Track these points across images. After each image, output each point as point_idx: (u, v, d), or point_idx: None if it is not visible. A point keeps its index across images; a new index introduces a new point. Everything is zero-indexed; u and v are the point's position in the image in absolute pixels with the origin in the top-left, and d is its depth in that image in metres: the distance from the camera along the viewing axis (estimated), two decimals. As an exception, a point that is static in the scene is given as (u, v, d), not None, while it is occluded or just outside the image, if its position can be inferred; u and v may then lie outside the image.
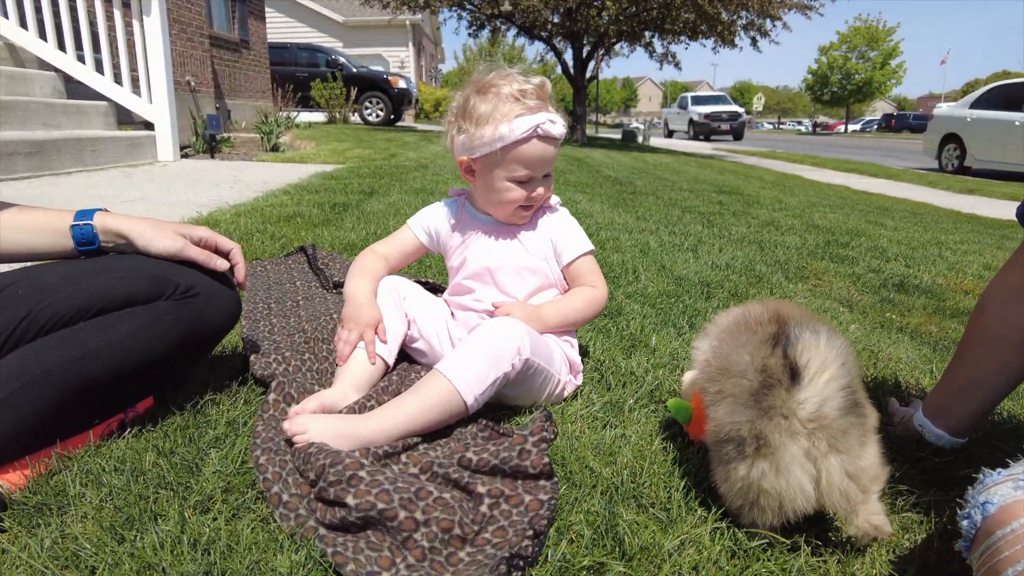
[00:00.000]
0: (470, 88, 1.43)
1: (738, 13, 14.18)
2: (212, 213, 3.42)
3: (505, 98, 1.37)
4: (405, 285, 1.52)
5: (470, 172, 1.48)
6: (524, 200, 1.45)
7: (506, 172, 1.41)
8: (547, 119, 1.37)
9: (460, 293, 1.54)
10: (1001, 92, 11.39)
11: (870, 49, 49.17)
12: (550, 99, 1.43)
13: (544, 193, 1.47)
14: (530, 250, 1.51)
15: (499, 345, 1.26)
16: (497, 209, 1.49)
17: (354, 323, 1.41)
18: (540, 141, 1.38)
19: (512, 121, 1.35)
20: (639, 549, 0.96)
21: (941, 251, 3.74)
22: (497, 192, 1.44)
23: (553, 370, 1.39)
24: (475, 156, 1.42)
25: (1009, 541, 0.78)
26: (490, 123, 1.37)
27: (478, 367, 1.23)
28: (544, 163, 1.42)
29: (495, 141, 1.37)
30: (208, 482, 1.09)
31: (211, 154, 6.80)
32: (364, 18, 23.41)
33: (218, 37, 9.77)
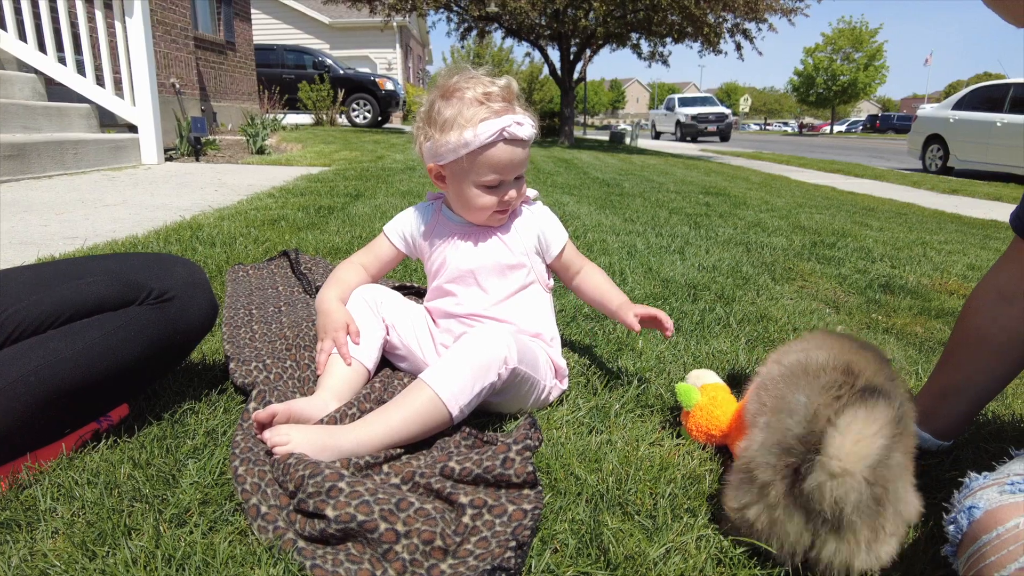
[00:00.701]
0: (435, 93, 1.40)
1: (724, 16, 14.25)
2: (195, 217, 3.38)
3: (469, 102, 1.34)
4: (381, 292, 1.50)
5: (440, 179, 1.45)
6: (497, 206, 1.42)
7: (475, 177, 1.38)
8: (513, 121, 1.33)
9: (442, 296, 1.51)
10: (982, 94, 11.52)
11: (854, 50, 49.61)
12: (517, 99, 1.40)
13: (517, 196, 1.44)
14: (512, 248, 1.48)
15: (486, 355, 1.24)
16: (471, 215, 1.46)
17: (323, 331, 1.40)
18: (507, 144, 1.35)
19: (476, 126, 1.32)
20: (624, 558, 0.95)
21: (926, 251, 3.76)
22: (468, 199, 1.42)
23: (539, 376, 1.37)
24: (442, 163, 1.40)
25: (996, 546, 0.77)
26: (454, 129, 1.33)
27: (463, 377, 1.21)
28: (513, 166, 1.38)
29: (460, 147, 1.34)
30: (185, 494, 1.06)
31: (196, 157, 6.74)
32: (351, 20, 23.32)
33: (203, 39, 9.69)
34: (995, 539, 0.77)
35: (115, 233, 2.96)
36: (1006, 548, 0.76)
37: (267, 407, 1.19)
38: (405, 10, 15.03)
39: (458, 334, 1.45)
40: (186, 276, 1.29)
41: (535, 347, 1.41)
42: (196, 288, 1.29)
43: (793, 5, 14.23)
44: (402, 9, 14.92)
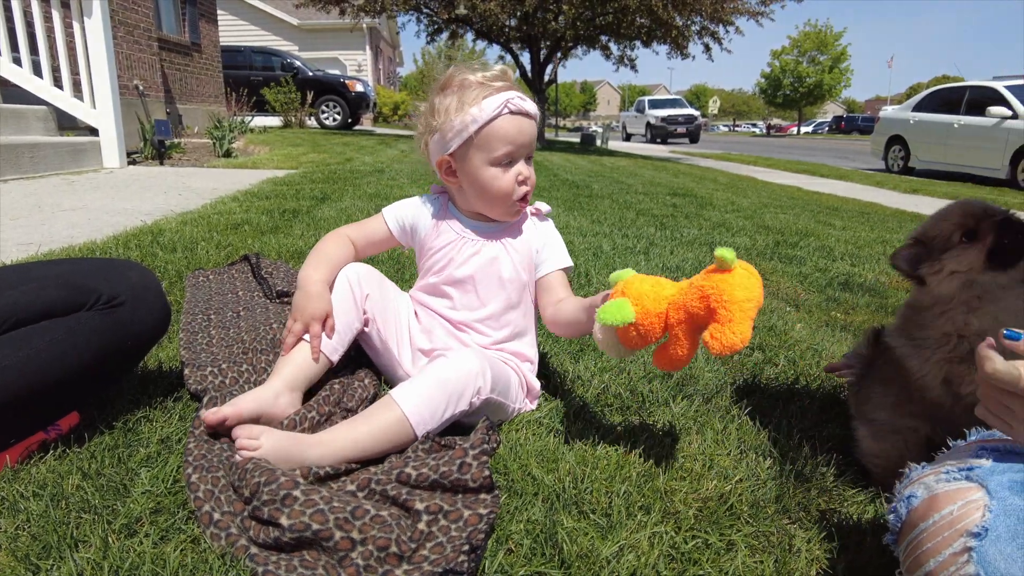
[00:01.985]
0: (433, 91, 1.42)
1: (691, 19, 14.43)
2: (157, 222, 3.32)
3: (470, 86, 1.36)
4: (372, 280, 1.44)
5: (451, 173, 1.42)
6: (514, 186, 1.39)
7: (486, 155, 1.36)
8: (516, 95, 1.36)
9: (435, 295, 1.48)
10: (940, 96, 11.84)
11: (819, 53, 50.63)
12: (515, 85, 1.42)
13: (531, 176, 1.42)
14: (513, 258, 1.45)
15: (460, 383, 1.22)
16: (490, 205, 1.42)
17: (300, 313, 1.35)
18: (513, 116, 1.35)
19: (480, 103, 1.33)
20: (577, 556, 0.96)
21: (886, 249, 3.85)
22: (484, 183, 1.38)
23: (509, 401, 1.36)
24: (451, 149, 1.37)
25: (931, 533, 0.80)
26: (459, 110, 1.34)
27: (435, 403, 1.20)
28: (522, 138, 1.38)
29: (468, 126, 1.34)
30: (136, 504, 1.04)
31: (160, 160, 6.61)
32: (320, 21, 23.10)
33: (167, 40, 9.52)
34: (931, 526, 0.80)
35: (73, 239, 2.89)
36: (941, 535, 0.78)
37: (213, 410, 1.17)
38: (374, 12, 14.95)
39: (435, 343, 1.44)
40: (138, 280, 1.27)
41: (510, 371, 1.40)
42: (148, 292, 1.27)
43: (759, 8, 14.47)
44: (371, 11, 14.84)
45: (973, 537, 0.76)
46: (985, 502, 0.77)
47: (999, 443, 0.89)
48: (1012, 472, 0.82)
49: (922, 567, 0.79)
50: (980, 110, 10.47)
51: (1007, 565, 0.73)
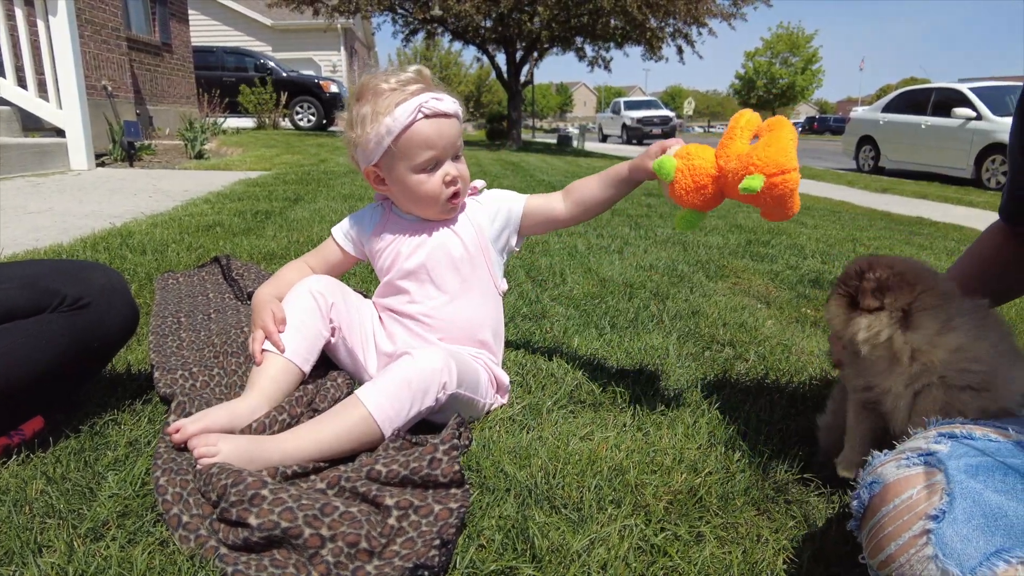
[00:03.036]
0: (351, 100, 1.40)
1: (665, 20, 14.57)
2: (126, 224, 3.27)
3: (382, 93, 1.34)
4: (335, 290, 1.44)
5: (380, 182, 1.43)
6: (443, 188, 1.39)
7: (409, 163, 1.36)
8: (430, 97, 1.33)
9: (392, 294, 1.48)
10: (908, 97, 12.09)
11: (792, 55, 51.44)
12: (434, 82, 1.40)
13: (460, 173, 1.41)
14: (464, 240, 1.46)
15: (424, 380, 1.22)
16: (422, 207, 1.43)
17: (253, 323, 1.37)
18: (430, 119, 1.34)
19: (393, 111, 1.32)
20: (548, 551, 0.96)
21: (856, 247, 3.93)
22: (413, 189, 1.39)
23: (478, 396, 1.36)
24: (374, 161, 1.38)
25: (892, 517, 0.82)
26: (375, 120, 1.33)
27: (400, 401, 1.19)
28: (443, 140, 1.36)
29: (384, 137, 1.33)
30: (103, 507, 1.03)
31: (130, 162, 6.51)
32: (294, 22, 22.90)
33: (137, 40, 9.37)
34: (892, 510, 0.82)
35: (37, 242, 2.83)
36: (901, 518, 0.80)
37: (180, 430, 1.15)
38: (349, 12, 14.86)
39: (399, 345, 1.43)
40: (104, 282, 1.25)
41: (478, 366, 1.40)
42: (115, 294, 1.25)
43: (731, 11, 14.66)
44: (346, 11, 14.76)
45: (931, 520, 0.78)
46: (943, 486, 0.80)
47: (957, 429, 0.92)
48: (968, 456, 0.84)
49: (883, 551, 0.82)
50: (946, 111, 10.72)
51: (963, 545, 0.76)
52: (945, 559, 0.76)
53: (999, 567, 0.74)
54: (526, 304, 2.20)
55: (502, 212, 1.52)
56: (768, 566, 0.99)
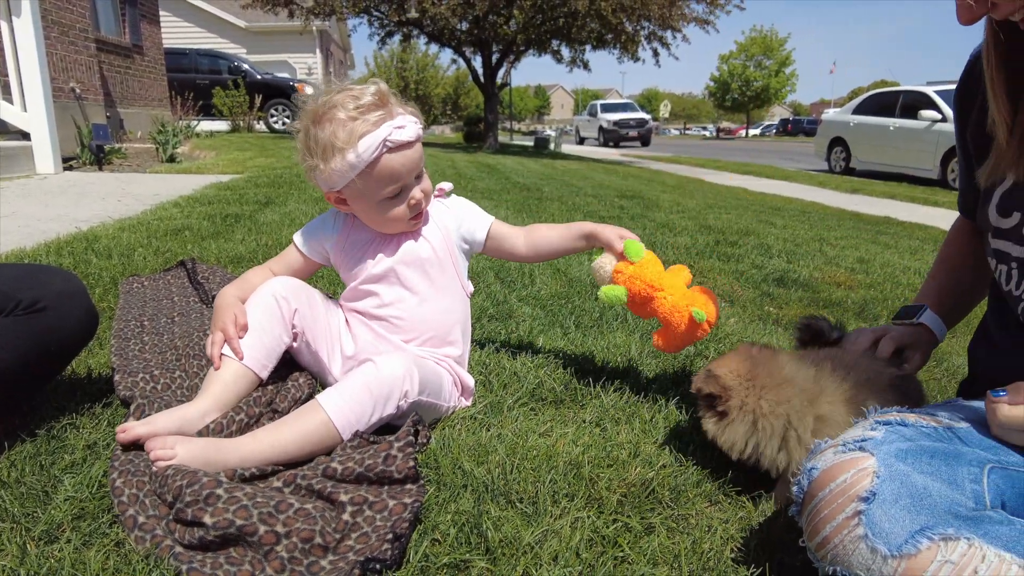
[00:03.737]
0: (307, 119, 1.35)
1: (641, 24, 14.70)
2: (93, 228, 3.23)
3: (342, 123, 1.29)
4: (300, 294, 1.43)
5: (342, 203, 1.42)
6: (408, 213, 1.40)
7: (374, 195, 1.36)
8: (392, 128, 1.30)
9: (360, 297, 1.48)
10: (878, 100, 12.34)
11: (766, 58, 52.16)
12: (395, 100, 1.37)
13: (424, 195, 1.42)
14: (432, 242, 1.47)
15: (386, 388, 1.22)
16: (388, 228, 1.44)
17: (213, 324, 1.36)
18: (394, 153, 1.32)
19: (356, 145, 1.28)
20: (500, 543, 0.98)
21: (822, 247, 4.00)
22: (377, 215, 1.40)
23: (441, 401, 1.37)
24: (336, 189, 1.38)
25: (827, 500, 0.85)
26: (336, 154, 1.30)
27: (362, 407, 1.20)
28: (407, 170, 1.36)
29: (348, 172, 1.31)
30: (58, 510, 1.03)
31: (99, 166, 6.42)
32: (268, 24, 22.70)
33: (106, 41, 9.23)
34: (828, 494, 0.85)
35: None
36: (836, 501, 0.84)
37: (128, 430, 1.15)
38: (324, 14, 14.78)
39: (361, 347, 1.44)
40: (61, 286, 1.25)
41: (441, 371, 1.41)
42: (73, 298, 1.25)
43: (705, 16, 14.84)
44: (321, 13, 14.67)
45: (862, 501, 0.82)
46: (874, 469, 0.84)
47: (893, 416, 0.96)
48: (900, 441, 0.88)
49: (820, 533, 0.85)
50: (913, 113, 10.96)
51: (891, 524, 0.79)
52: (874, 538, 0.80)
53: (922, 544, 0.78)
54: (493, 305, 2.22)
55: (466, 226, 1.56)
56: (716, 554, 1.02)
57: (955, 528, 0.79)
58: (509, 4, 13.85)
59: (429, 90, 34.00)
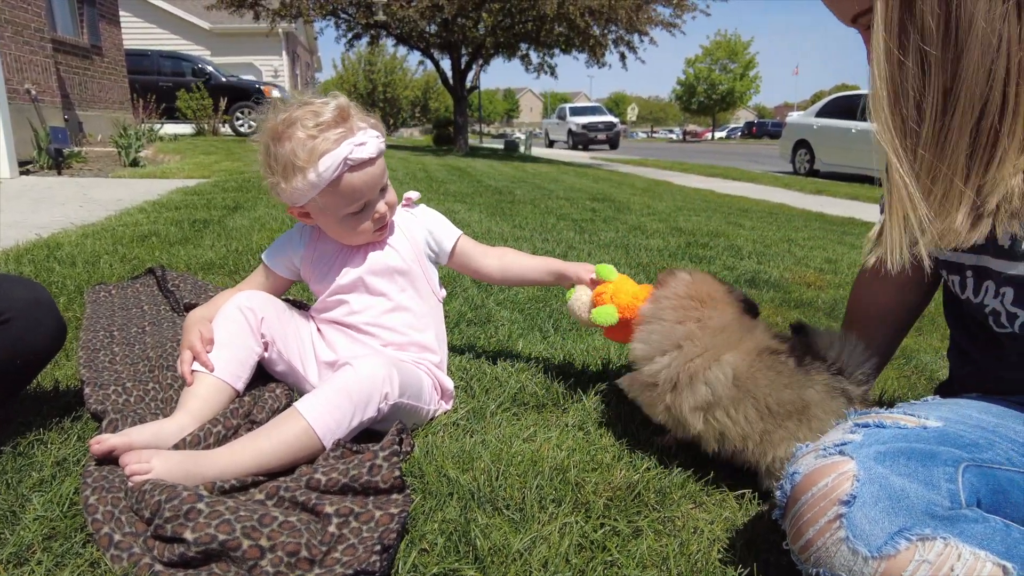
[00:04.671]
0: (267, 136, 1.33)
1: (608, 28, 14.83)
2: (54, 235, 3.13)
3: (302, 142, 1.28)
4: (265, 304, 1.42)
5: (305, 216, 1.41)
6: (373, 226, 1.40)
7: (336, 211, 1.35)
8: (353, 146, 1.29)
9: (331, 308, 1.47)
10: (840, 103, 12.63)
11: (730, 61, 53.07)
12: (357, 115, 1.35)
13: (388, 208, 1.42)
14: (400, 251, 1.47)
15: (365, 391, 1.21)
16: (353, 241, 1.44)
17: (181, 346, 1.34)
18: (356, 171, 1.31)
19: (317, 164, 1.28)
20: (490, 551, 0.98)
21: (791, 247, 4.08)
22: (342, 231, 1.40)
23: (422, 404, 1.36)
24: (300, 204, 1.37)
25: (810, 505, 0.87)
26: (296, 173, 1.29)
27: (341, 412, 1.18)
28: (369, 186, 1.35)
29: (309, 190, 1.30)
30: (28, 530, 0.99)
31: (58, 170, 6.24)
32: (233, 26, 22.33)
33: (63, 42, 8.98)
34: (810, 498, 0.87)
35: (-43, 255, 2.69)
36: (818, 505, 0.85)
37: (103, 441, 1.12)
38: (291, 16, 14.60)
39: (341, 353, 1.42)
40: (27, 296, 1.21)
41: (421, 373, 1.40)
42: (39, 308, 1.21)
43: (671, 20, 15.03)
44: (287, 15, 14.48)
45: (843, 505, 0.83)
46: (854, 472, 0.85)
47: (871, 419, 0.98)
48: (878, 444, 0.90)
49: (803, 536, 0.86)
50: (873, 116, 11.22)
51: (871, 526, 0.81)
52: (855, 540, 0.81)
53: (901, 545, 0.80)
54: (471, 309, 2.21)
55: (434, 235, 1.56)
56: (703, 556, 1.02)
57: (932, 528, 0.81)
58: (478, 7, 13.85)
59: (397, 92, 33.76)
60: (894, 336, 1.41)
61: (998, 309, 1.02)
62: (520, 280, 1.70)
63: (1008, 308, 1.00)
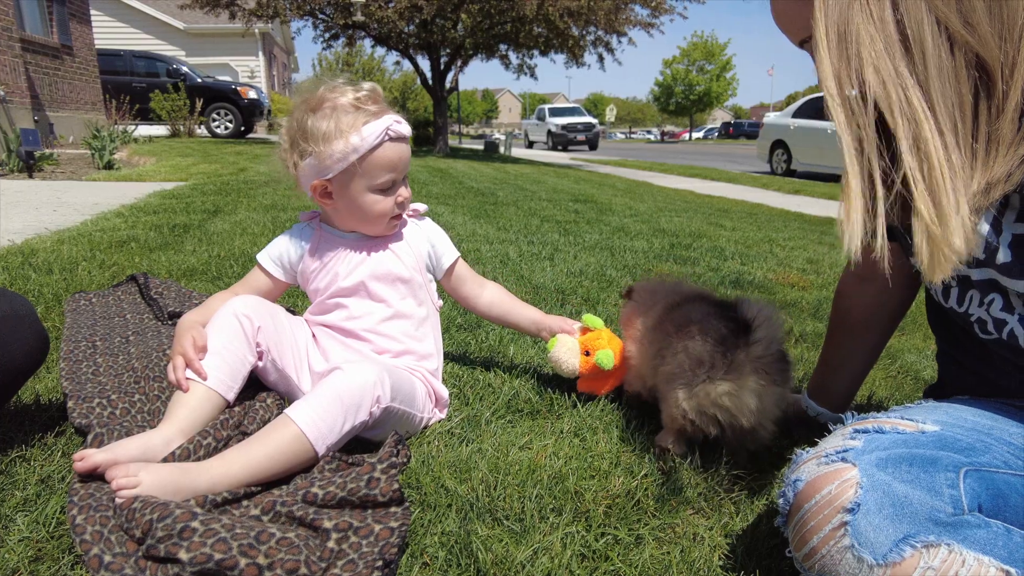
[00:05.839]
0: (301, 110, 1.37)
1: (587, 29, 14.88)
2: (28, 241, 3.06)
3: (344, 109, 1.33)
4: (262, 312, 1.38)
5: (326, 195, 1.40)
6: (393, 207, 1.42)
7: (368, 182, 1.37)
8: (393, 120, 1.36)
9: (328, 311, 1.45)
10: (815, 104, 12.78)
11: (707, 62, 53.61)
12: (387, 104, 1.42)
13: (408, 194, 1.45)
14: (403, 259, 1.47)
15: (356, 394, 1.19)
16: (369, 225, 1.44)
17: (173, 349, 1.31)
18: (394, 143, 1.36)
19: (361, 130, 1.32)
20: (492, 564, 0.96)
21: (772, 248, 4.12)
22: (364, 207, 1.39)
23: (415, 410, 1.35)
24: (330, 176, 1.36)
25: (813, 512, 0.87)
26: (338, 137, 1.32)
27: (332, 417, 1.16)
28: (403, 163, 1.40)
29: (349, 154, 1.32)
30: (12, 554, 0.96)
31: (29, 173, 6.10)
32: (209, 26, 22.05)
33: (32, 41, 8.79)
34: (813, 506, 0.87)
35: (-73, 263, 2.61)
36: (821, 513, 0.86)
37: (86, 457, 1.08)
38: (267, 16, 14.41)
39: (333, 362, 1.39)
40: (6, 307, 1.17)
41: (414, 379, 1.39)
42: (19, 320, 1.17)
43: (649, 20, 15.11)
44: (264, 15, 14.30)
45: (848, 512, 0.83)
46: (857, 479, 0.85)
47: (870, 424, 0.98)
48: (879, 450, 0.90)
49: (807, 544, 0.86)
50: (848, 117, 11.38)
51: (875, 534, 0.81)
52: (860, 548, 0.82)
53: (906, 552, 0.80)
54: (460, 314, 2.19)
55: (436, 248, 1.58)
56: (705, 563, 1.02)
57: (936, 535, 0.81)
58: (456, 8, 13.81)
59: (376, 94, 33.61)
60: (879, 339, 1.43)
61: (984, 318, 1.03)
62: (502, 319, 1.71)
63: (995, 315, 1.01)
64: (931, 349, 2.12)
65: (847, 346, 1.43)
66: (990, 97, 0.81)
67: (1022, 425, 1.01)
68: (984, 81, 0.80)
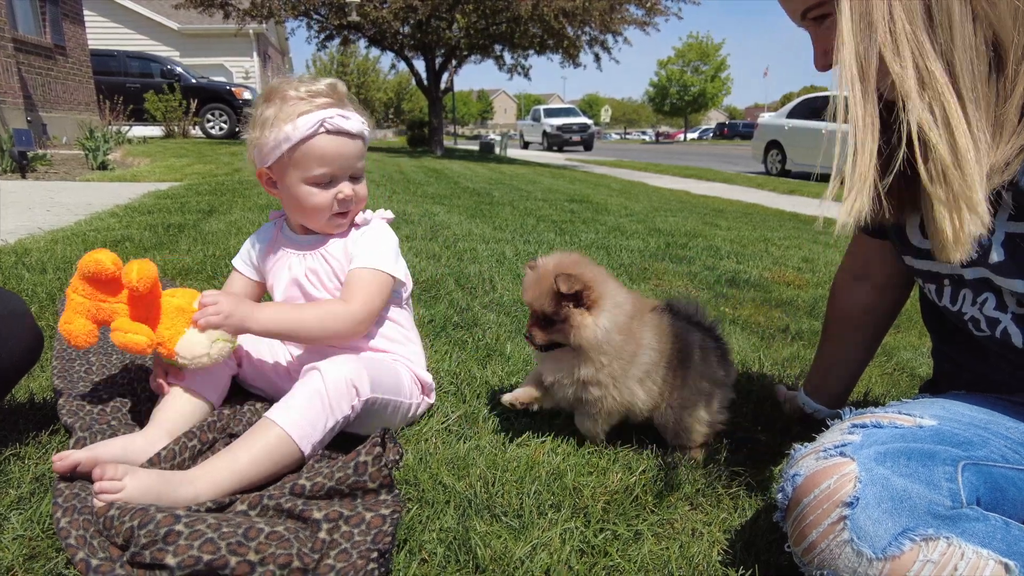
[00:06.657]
0: (259, 99, 1.38)
1: (582, 29, 14.89)
2: (21, 241, 3.04)
3: (291, 100, 1.32)
4: None
5: (272, 184, 1.40)
6: (332, 204, 1.36)
7: (301, 173, 1.34)
8: (336, 114, 1.31)
9: None
10: (808, 104, 12.84)
11: (702, 63, 53.73)
12: (347, 99, 1.38)
13: (354, 195, 1.38)
14: (331, 261, 1.42)
15: (335, 389, 1.18)
16: (309, 219, 1.40)
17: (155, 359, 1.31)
18: (331, 136, 1.32)
19: (295, 119, 1.29)
20: (491, 560, 0.96)
21: (768, 247, 4.12)
22: (299, 198, 1.36)
23: (402, 398, 1.34)
24: (267, 164, 1.35)
25: (812, 507, 0.87)
26: (274, 126, 1.31)
27: (314, 413, 1.16)
28: (342, 159, 1.34)
29: (281, 143, 1.30)
30: (7, 551, 0.95)
31: (22, 174, 6.06)
32: (203, 26, 21.97)
33: (25, 41, 8.75)
34: (812, 500, 0.87)
35: (-81, 262, 2.59)
36: (820, 507, 0.85)
37: (65, 457, 1.08)
38: (261, 17, 14.37)
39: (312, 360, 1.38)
40: (2, 306, 1.16)
41: (398, 367, 1.38)
42: (14, 318, 1.16)
43: (645, 19, 15.13)
44: (258, 16, 14.26)
45: (846, 507, 0.83)
46: (856, 474, 0.85)
47: (868, 419, 0.98)
48: (877, 445, 0.90)
49: (806, 538, 0.86)
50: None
51: (874, 527, 0.81)
52: (859, 542, 0.82)
53: (905, 545, 0.80)
54: (457, 313, 2.19)
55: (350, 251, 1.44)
56: (704, 558, 1.02)
57: (935, 528, 0.81)
58: (452, 8, 13.80)
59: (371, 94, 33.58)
60: (874, 337, 1.43)
61: (977, 316, 1.03)
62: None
63: (988, 314, 1.01)
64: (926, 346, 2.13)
65: (842, 343, 1.43)
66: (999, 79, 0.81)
67: (1018, 420, 1.01)
68: (997, 62, 0.80)
